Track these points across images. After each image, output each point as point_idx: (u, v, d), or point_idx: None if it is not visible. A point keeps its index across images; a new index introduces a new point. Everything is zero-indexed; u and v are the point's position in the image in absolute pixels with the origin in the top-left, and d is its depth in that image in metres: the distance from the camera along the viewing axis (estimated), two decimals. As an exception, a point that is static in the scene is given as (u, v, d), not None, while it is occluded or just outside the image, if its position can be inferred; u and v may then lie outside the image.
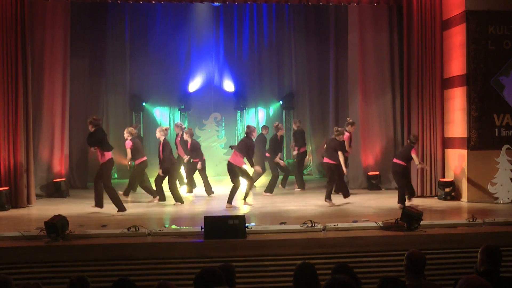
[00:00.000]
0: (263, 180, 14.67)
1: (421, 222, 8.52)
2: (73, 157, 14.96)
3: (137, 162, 12.85)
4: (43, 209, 11.33)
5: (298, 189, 14.18)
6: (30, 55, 12.18)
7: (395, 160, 11.67)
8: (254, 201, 12.34)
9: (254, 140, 11.92)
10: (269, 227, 8.76)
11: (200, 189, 14.15)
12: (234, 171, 11.55)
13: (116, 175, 17.89)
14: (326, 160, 11.80)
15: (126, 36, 18.06)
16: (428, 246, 7.85)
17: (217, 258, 7.40)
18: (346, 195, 11.90)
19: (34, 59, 12.86)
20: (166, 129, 12.45)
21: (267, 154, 14.32)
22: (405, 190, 11.32)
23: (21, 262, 7.59)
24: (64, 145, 13.97)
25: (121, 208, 10.79)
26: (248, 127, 12.05)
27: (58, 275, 7.24)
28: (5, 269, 7.03)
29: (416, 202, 11.28)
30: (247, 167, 12.08)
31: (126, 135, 12.70)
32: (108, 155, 10.96)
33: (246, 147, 11.57)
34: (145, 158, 12.88)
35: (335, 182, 11.86)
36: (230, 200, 11.55)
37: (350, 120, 13.17)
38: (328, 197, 11.58)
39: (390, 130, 14.10)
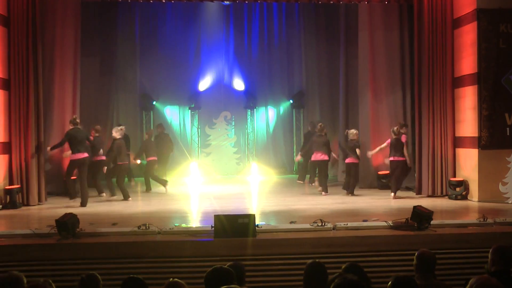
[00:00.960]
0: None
1: (432, 222, 8.47)
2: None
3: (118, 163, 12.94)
4: (54, 207, 11.39)
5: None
6: (41, 54, 12.23)
7: (396, 158, 12.30)
8: (268, 200, 12.38)
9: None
10: (279, 226, 8.77)
11: (207, 188, 14.19)
12: (324, 166, 13.16)
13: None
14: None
15: (136, 35, 18.13)
16: (439, 246, 7.80)
17: (227, 256, 7.36)
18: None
19: (44, 58, 12.89)
20: (121, 129, 12.98)
21: None
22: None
23: (32, 260, 7.63)
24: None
25: (71, 195, 11.78)
26: (314, 124, 14.49)
27: (68, 273, 7.27)
28: (17, 266, 7.06)
29: (426, 201, 11.23)
30: None
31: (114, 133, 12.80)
32: (74, 156, 11.62)
33: (327, 143, 13.14)
34: (126, 162, 13.06)
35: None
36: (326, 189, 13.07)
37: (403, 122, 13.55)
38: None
39: (401, 129, 14.02)
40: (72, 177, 11.97)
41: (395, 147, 12.35)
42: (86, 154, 11.70)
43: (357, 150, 12.85)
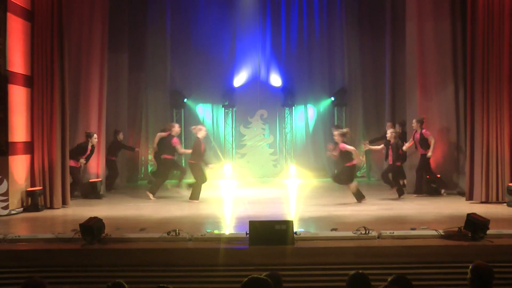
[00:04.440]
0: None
1: (488, 231, 8.28)
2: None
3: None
4: (78, 211, 11.55)
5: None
6: (66, 50, 12.36)
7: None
8: (307, 205, 12.33)
9: None
10: (319, 234, 8.71)
11: (242, 191, 14.17)
12: None
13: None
14: None
15: (167, 29, 18.27)
16: (496, 258, 7.59)
17: (262, 266, 7.32)
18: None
19: (70, 54, 13.06)
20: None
21: None
22: None
23: (55, 265, 7.70)
24: (101, 144, 14.16)
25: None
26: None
27: (93, 280, 7.32)
28: (39, 272, 7.16)
29: (480, 208, 10.97)
30: None
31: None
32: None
33: None
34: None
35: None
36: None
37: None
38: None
39: (453, 128, 13.78)
40: None
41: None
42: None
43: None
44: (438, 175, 13.77)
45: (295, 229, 8.29)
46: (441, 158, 13.90)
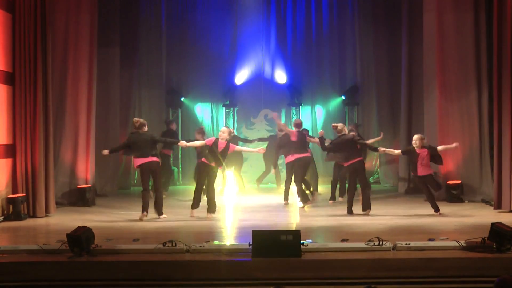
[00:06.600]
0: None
1: (514, 242, 8.29)
2: (100, 160, 15.15)
3: None
4: (65, 219, 11.55)
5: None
6: (51, 44, 12.37)
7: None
8: (315, 214, 12.35)
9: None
10: (329, 245, 8.71)
11: (244, 199, 14.16)
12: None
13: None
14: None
15: (163, 21, 18.34)
16: (523, 272, 7.61)
17: (266, 280, 7.37)
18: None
19: (55, 47, 13.07)
20: None
21: None
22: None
23: (40, 280, 7.69)
24: (90, 146, 14.18)
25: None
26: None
27: (81, 296, 7.35)
28: (21, 287, 7.15)
29: (508, 217, 10.91)
30: None
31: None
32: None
33: None
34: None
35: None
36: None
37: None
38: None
39: (475, 131, 13.76)
40: None
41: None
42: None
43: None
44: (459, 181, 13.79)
45: (302, 240, 8.27)
46: (463, 163, 13.89)
